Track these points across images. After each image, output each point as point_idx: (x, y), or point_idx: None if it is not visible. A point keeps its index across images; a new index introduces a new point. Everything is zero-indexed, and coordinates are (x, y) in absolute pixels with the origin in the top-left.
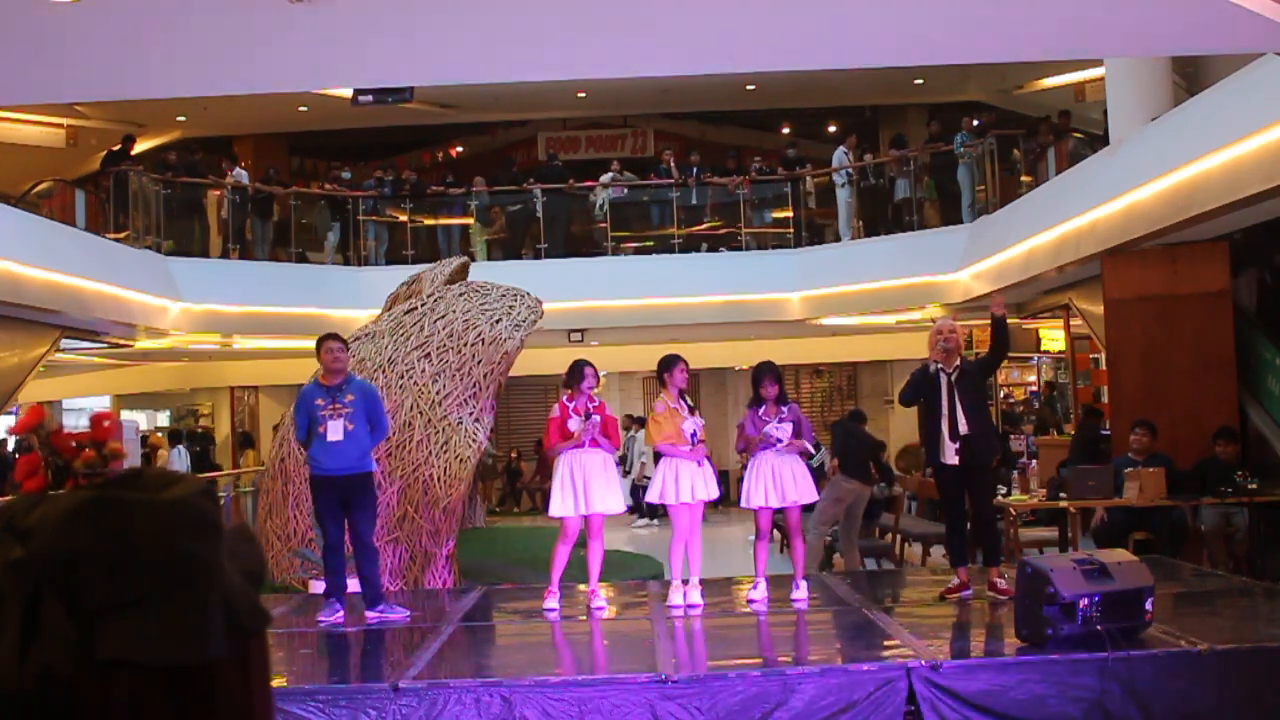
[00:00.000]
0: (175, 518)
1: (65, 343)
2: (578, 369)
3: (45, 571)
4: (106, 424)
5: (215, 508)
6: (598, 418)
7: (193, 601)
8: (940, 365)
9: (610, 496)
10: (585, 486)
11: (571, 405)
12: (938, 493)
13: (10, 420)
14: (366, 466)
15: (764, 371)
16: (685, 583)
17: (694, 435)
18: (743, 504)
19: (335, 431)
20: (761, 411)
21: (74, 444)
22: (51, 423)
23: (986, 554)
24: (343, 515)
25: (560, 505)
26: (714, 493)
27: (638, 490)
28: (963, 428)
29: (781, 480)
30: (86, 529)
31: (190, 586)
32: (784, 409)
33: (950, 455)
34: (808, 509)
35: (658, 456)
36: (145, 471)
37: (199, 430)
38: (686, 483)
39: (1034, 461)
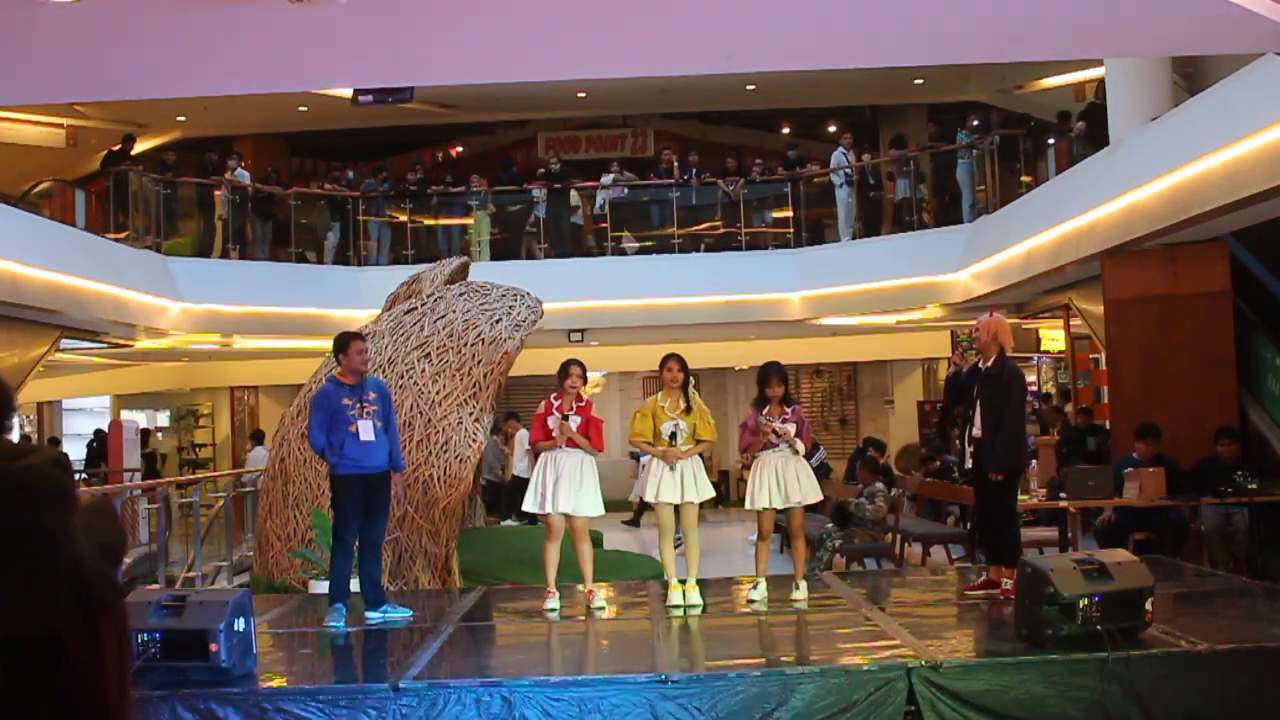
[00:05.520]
0: (21, 488)
1: (65, 343)
2: (561, 368)
3: None
4: None
5: (67, 478)
6: (578, 418)
7: (34, 572)
8: (968, 365)
9: (583, 498)
10: (554, 485)
11: (557, 404)
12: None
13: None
14: (392, 464)
15: (770, 371)
16: (684, 583)
17: (672, 435)
18: (747, 505)
19: (368, 431)
20: (766, 411)
21: None
22: None
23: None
24: (363, 516)
25: (530, 501)
26: (704, 494)
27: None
28: (975, 430)
29: (785, 481)
30: None
31: (32, 557)
32: (788, 410)
33: (968, 458)
34: (811, 509)
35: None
36: None
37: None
38: (666, 482)
39: (1034, 461)
